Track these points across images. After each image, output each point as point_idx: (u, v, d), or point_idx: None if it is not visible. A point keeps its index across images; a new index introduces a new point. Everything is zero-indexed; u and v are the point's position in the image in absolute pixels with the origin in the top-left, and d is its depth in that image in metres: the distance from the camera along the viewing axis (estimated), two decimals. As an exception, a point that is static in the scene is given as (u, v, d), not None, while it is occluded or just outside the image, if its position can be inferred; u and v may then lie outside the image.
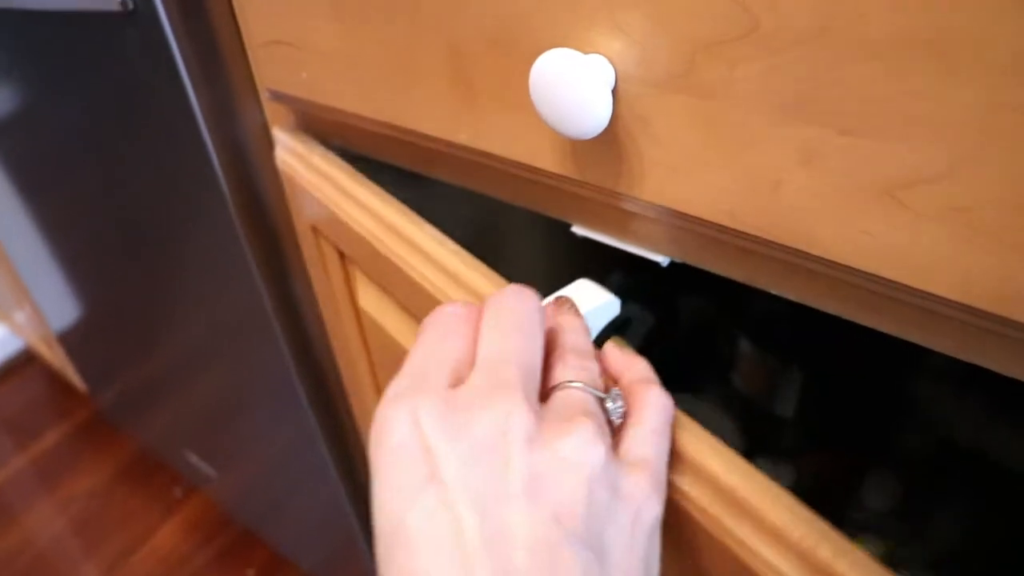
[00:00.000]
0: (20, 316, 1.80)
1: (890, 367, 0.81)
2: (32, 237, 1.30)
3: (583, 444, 0.33)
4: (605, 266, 1.09)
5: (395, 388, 0.35)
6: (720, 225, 0.38)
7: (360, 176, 0.59)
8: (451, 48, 0.43)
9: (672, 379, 1.03)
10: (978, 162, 0.29)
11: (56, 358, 1.79)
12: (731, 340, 0.83)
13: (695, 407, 0.96)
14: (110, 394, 1.65)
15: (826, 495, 0.86)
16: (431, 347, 0.37)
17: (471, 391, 0.34)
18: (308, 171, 0.61)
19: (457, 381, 0.36)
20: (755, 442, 0.92)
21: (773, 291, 0.42)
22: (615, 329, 1.13)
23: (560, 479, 0.32)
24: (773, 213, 0.36)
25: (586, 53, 0.36)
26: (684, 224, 0.41)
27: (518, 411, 0.33)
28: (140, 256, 1.02)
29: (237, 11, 0.60)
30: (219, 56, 0.65)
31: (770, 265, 0.41)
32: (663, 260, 0.45)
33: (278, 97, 0.58)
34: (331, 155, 0.61)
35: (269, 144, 0.68)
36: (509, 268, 0.89)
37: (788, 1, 0.31)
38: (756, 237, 0.37)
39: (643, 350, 1.10)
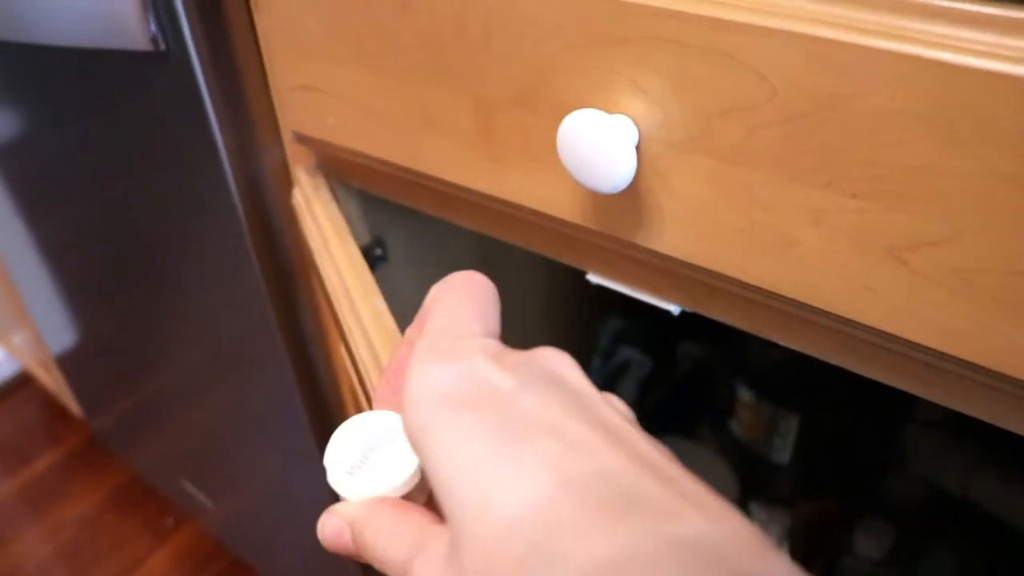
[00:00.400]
0: (18, 339, 1.81)
1: (882, 417, 0.83)
2: (35, 261, 1.31)
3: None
4: (605, 309, 1.11)
5: (424, 346, 0.29)
6: (732, 278, 0.40)
7: (345, 234, 0.60)
8: (477, 102, 0.45)
9: (669, 423, 1.05)
10: (978, 228, 0.32)
11: (52, 382, 1.79)
12: (730, 387, 0.85)
13: (692, 452, 0.98)
14: (106, 420, 1.66)
15: (819, 542, 0.88)
16: (457, 305, 0.32)
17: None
18: (309, 218, 0.63)
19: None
20: (750, 488, 0.94)
21: (777, 341, 0.44)
22: (615, 373, 1.14)
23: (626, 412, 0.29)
24: (782, 268, 0.38)
25: (611, 113, 0.39)
26: (697, 276, 0.43)
27: (572, 361, 0.29)
28: (146, 284, 1.03)
29: (265, 56, 0.62)
30: (243, 97, 0.67)
31: (776, 316, 0.43)
32: (674, 309, 0.47)
33: (302, 139, 0.60)
34: (332, 207, 0.62)
35: (288, 182, 0.70)
36: (514, 305, 0.91)
37: (804, 73, 0.33)
38: (765, 290, 0.40)
39: (640, 394, 1.12)
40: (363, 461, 0.32)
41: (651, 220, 0.41)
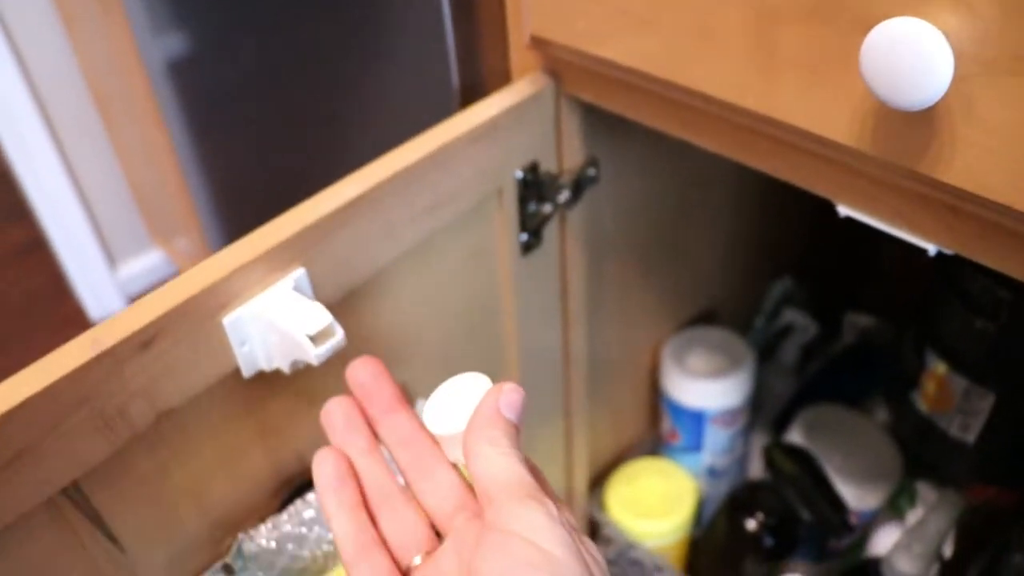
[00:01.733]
0: (182, 242, 1.86)
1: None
2: (212, 165, 1.34)
3: None
4: (776, 270, 1.09)
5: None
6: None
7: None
8: (759, 12, 0.43)
9: (829, 392, 1.02)
10: None
11: (208, 287, 1.85)
12: (919, 356, 0.81)
13: (852, 422, 0.95)
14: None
15: (989, 532, 0.84)
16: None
17: None
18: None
19: None
20: (921, 465, 0.91)
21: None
22: (780, 336, 1.12)
23: None
24: (1093, 207, 0.36)
25: (923, 26, 0.37)
26: (976, 211, 0.41)
27: None
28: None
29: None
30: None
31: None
32: (931, 249, 0.45)
33: (541, 44, 0.60)
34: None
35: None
36: (691, 251, 0.90)
37: None
38: (1063, 231, 0.37)
39: (802, 359, 1.09)
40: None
41: (941, 147, 0.39)
